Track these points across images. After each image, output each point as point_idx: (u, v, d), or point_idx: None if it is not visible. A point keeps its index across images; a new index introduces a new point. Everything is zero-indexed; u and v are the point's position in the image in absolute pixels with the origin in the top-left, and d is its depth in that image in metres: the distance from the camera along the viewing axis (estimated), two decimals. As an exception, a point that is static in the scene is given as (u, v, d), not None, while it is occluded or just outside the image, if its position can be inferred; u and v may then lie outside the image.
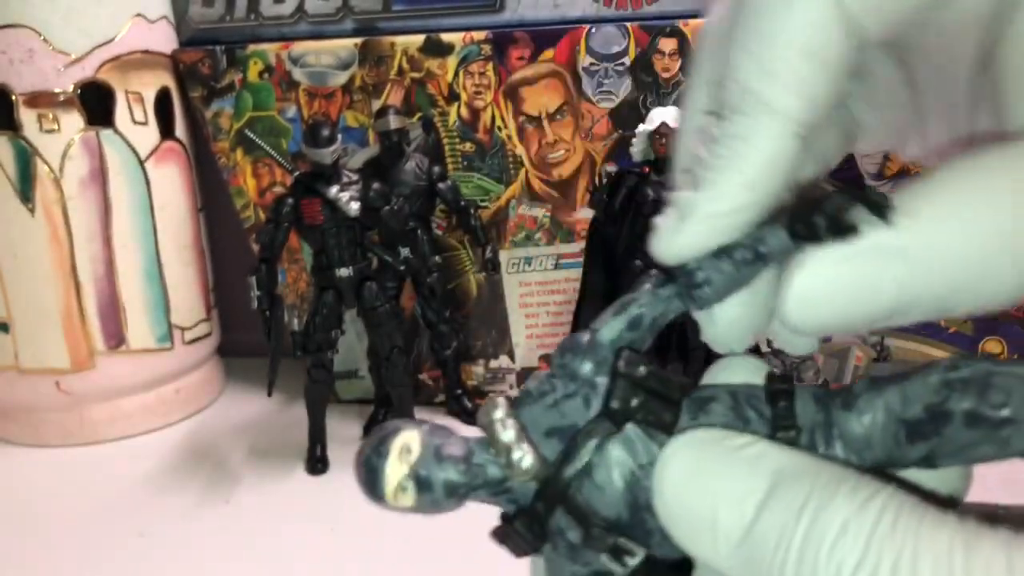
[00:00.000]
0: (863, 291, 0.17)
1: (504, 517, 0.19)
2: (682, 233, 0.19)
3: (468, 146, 0.71)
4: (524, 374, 0.76)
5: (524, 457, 0.18)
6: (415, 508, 0.19)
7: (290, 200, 0.63)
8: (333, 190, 0.63)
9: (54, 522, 0.62)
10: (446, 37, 0.69)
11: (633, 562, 0.18)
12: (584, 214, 0.71)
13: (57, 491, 0.67)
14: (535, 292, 0.74)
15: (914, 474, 0.18)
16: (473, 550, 0.56)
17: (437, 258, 0.71)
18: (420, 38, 0.69)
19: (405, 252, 0.67)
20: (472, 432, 0.20)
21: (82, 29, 0.68)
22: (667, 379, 0.19)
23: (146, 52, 0.72)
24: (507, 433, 0.18)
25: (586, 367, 0.19)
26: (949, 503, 0.18)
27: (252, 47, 0.72)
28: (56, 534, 0.60)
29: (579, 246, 0.71)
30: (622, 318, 0.19)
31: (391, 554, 0.56)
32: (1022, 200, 0.16)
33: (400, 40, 0.70)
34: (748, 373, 0.20)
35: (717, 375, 0.20)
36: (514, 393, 0.21)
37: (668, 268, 0.19)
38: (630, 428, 0.18)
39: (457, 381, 0.75)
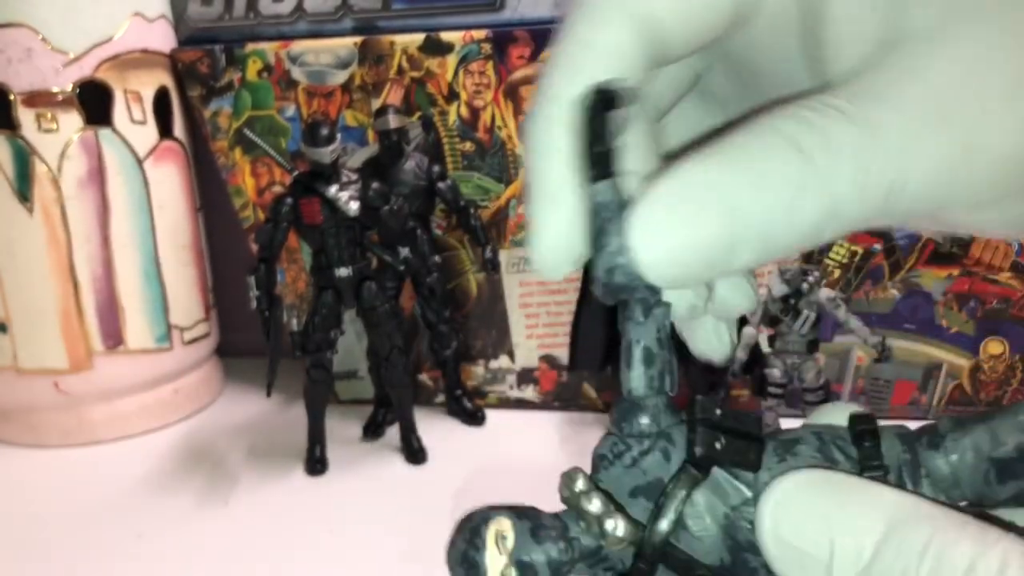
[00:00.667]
0: (698, 220, 0.17)
1: None
2: (539, 248, 0.19)
3: (468, 145, 0.71)
4: (524, 374, 0.76)
5: (617, 526, 0.18)
6: None
7: (289, 199, 0.63)
8: (332, 189, 0.62)
9: (52, 523, 0.61)
10: (446, 36, 0.69)
11: None
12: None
13: (55, 492, 0.67)
14: (535, 292, 0.74)
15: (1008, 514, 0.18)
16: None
17: (437, 258, 0.71)
18: (420, 37, 0.69)
19: (405, 252, 0.67)
20: (470, 432, 0.19)
21: (80, 28, 0.68)
22: (742, 416, 0.18)
23: (144, 51, 0.72)
24: (594, 504, 0.18)
25: (645, 422, 0.19)
26: None
27: (251, 46, 0.71)
28: (54, 535, 0.60)
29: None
30: (635, 362, 0.19)
31: (391, 555, 0.55)
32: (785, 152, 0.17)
33: (400, 39, 0.69)
34: (840, 415, 0.19)
35: (816, 420, 0.20)
36: (515, 393, 0.21)
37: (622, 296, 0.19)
38: (716, 472, 0.18)
39: (457, 381, 0.75)
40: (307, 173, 0.63)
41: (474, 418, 0.73)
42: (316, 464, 0.66)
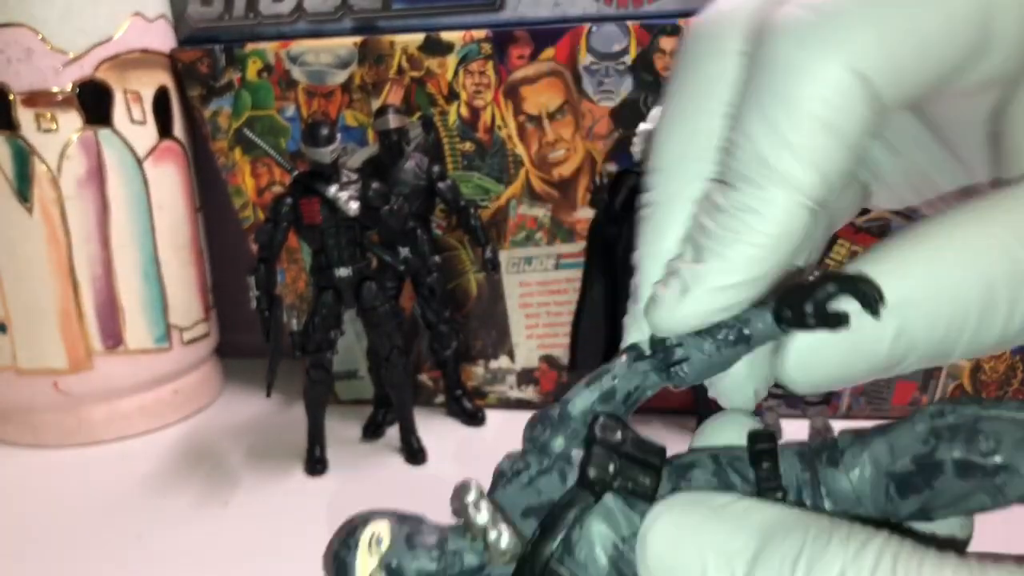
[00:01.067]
0: (860, 347, 0.17)
1: None
2: (685, 304, 0.18)
3: (468, 145, 0.71)
4: (524, 374, 0.75)
5: (501, 537, 0.18)
6: None
7: (289, 199, 0.63)
8: (332, 189, 0.62)
9: (51, 523, 0.61)
10: (446, 36, 0.69)
11: None
12: (585, 214, 0.71)
13: (54, 492, 0.66)
14: (535, 292, 0.74)
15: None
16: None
17: (437, 258, 0.71)
18: (420, 37, 0.69)
19: (405, 252, 0.67)
20: (470, 433, 0.19)
21: (80, 28, 0.68)
22: (645, 444, 0.18)
23: (144, 51, 0.72)
24: (481, 515, 0.18)
25: (557, 441, 0.18)
26: (950, 544, 0.17)
27: (251, 46, 0.71)
28: (53, 535, 0.60)
29: (579, 246, 0.71)
30: (594, 389, 0.19)
31: (390, 556, 0.55)
32: (1002, 248, 0.16)
33: (400, 39, 0.69)
34: (737, 431, 0.19)
35: (708, 435, 0.19)
36: (515, 394, 0.21)
37: (649, 344, 0.19)
38: (609, 499, 0.18)
39: (457, 382, 0.74)
40: (307, 173, 0.63)
41: (474, 418, 0.73)
42: (316, 464, 0.66)
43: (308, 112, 0.72)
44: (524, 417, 0.20)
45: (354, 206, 0.62)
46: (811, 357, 0.17)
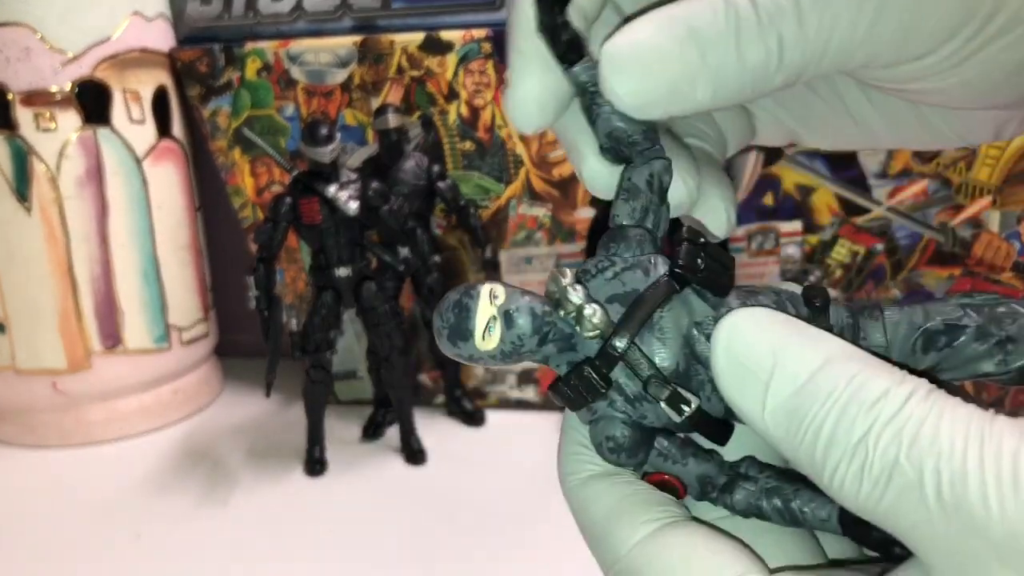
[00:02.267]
0: (661, 39, 0.19)
1: (570, 370, 0.20)
2: (514, 96, 0.21)
3: (468, 145, 0.71)
4: (524, 374, 0.75)
5: (595, 312, 0.19)
6: (497, 348, 0.20)
7: (288, 199, 0.63)
8: (332, 189, 0.62)
9: (51, 523, 0.61)
10: (445, 35, 0.69)
11: (688, 410, 0.19)
12: (585, 213, 0.71)
13: (54, 492, 0.66)
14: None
15: None
16: (470, 551, 0.55)
17: (437, 258, 0.70)
18: (419, 36, 0.69)
19: (404, 252, 0.67)
20: (470, 433, 0.20)
21: (79, 27, 0.68)
22: (720, 250, 0.20)
23: (143, 50, 0.72)
24: (576, 295, 0.20)
25: (627, 248, 0.21)
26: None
27: (250, 45, 0.71)
28: (53, 535, 0.60)
29: (579, 246, 0.71)
30: (620, 193, 0.21)
31: (391, 555, 0.55)
32: None
33: (399, 38, 0.69)
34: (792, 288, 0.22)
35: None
36: (515, 394, 0.21)
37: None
38: (687, 290, 0.20)
39: (457, 382, 0.74)
40: (306, 173, 0.63)
41: (474, 419, 0.73)
42: (315, 465, 0.66)
43: (307, 111, 0.72)
44: (524, 417, 0.20)
45: (354, 206, 0.62)
46: (619, 61, 0.19)
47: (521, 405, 0.76)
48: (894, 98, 0.23)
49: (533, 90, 0.21)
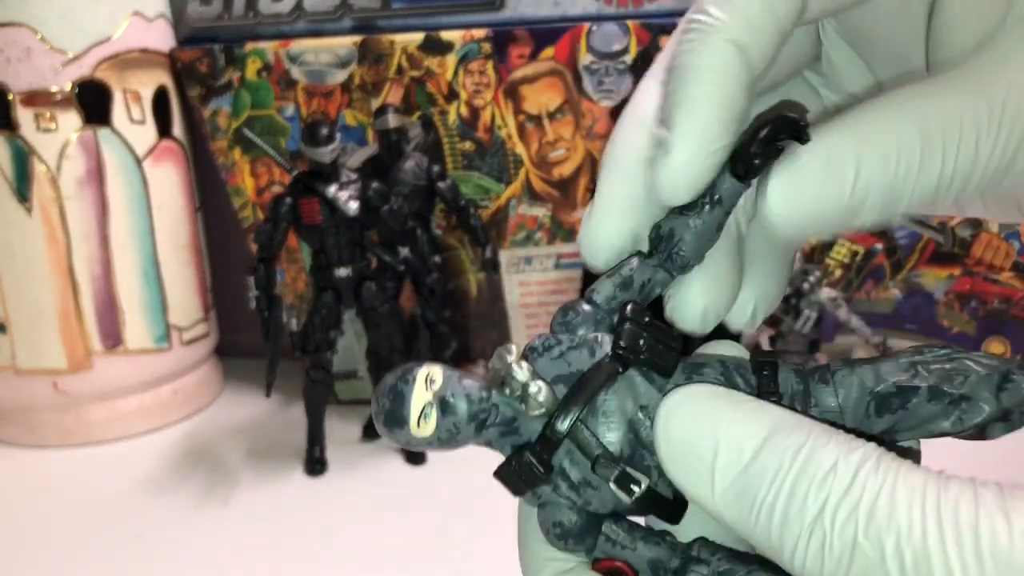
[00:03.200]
0: (827, 185, 0.19)
1: (511, 454, 0.20)
2: (674, 160, 0.20)
3: (468, 145, 0.71)
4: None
5: (540, 391, 0.19)
6: (434, 435, 0.20)
7: (288, 199, 0.63)
8: (332, 189, 0.62)
9: (51, 523, 0.61)
10: (446, 35, 0.69)
11: (638, 491, 0.19)
12: (584, 213, 0.71)
13: (54, 492, 0.66)
14: (535, 292, 0.74)
15: None
16: (470, 551, 0.55)
17: (436, 258, 0.71)
18: (419, 36, 0.69)
19: (404, 252, 0.67)
20: None
21: (79, 27, 0.68)
22: (666, 329, 0.20)
23: (144, 51, 0.72)
24: (522, 373, 0.20)
25: (586, 325, 0.21)
26: (908, 453, 0.20)
27: (250, 45, 0.71)
28: (53, 535, 0.60)
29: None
30: (614, 280, 0.21)
31: (390, 554, 0.55)
32: (933, 105, 0.19)
33: (399, 38, 0.69)
34: (734, 351, 0.22)
35: (705, 350, 0.22)
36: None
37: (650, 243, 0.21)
38: (632, 371, 0.20)
39: (457, 381, 0.74)
40: (307, 173, 0.63)
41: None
42: (315, 464, 0.66)
43: (307, 112, 0.72)
44: None
45: (354, 206, 0.62)
46: (786, 194, 0.19)
47: (521, 405, 0.76)
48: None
49: (611, 235, 0.22)
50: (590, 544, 0.20)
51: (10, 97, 0.67)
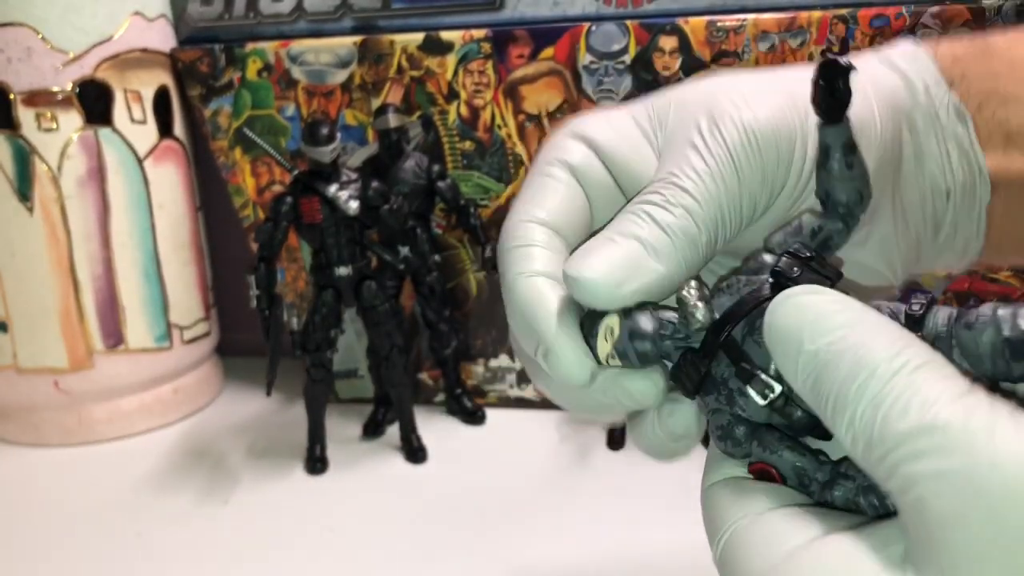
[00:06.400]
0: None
1: (679, 357, 0.23)
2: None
3: (468, 145, 0.71)
4: (524, 373, 0.76)
5: (699, 308, 0.23)
6: (614, 357, 0.23)
7: (289, 198, 0.63)
8: (332, 189, 0.62)
9: (52, 522, 0.61)
10: (445, 35, 0.69)
11: (772, 395, 0.22)
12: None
13: (55, 491, 0.67)
14: (535, 291, 0.74)
15: None
16: (471, 550, 0.55)
17: (437, 257, 0.71)
18: (419, 36, 0.69)
19: (404, 251, 0.67)
20: (470, 432, 0.21)
21: (80, 27, 0.68)
22: (827, 264, 0.23)
23: (144, 50, 0.72)
24: (690, 297, 0.23)
25: (766, 271, 0.23)
26: None
27: (251, 45, 0.71)
28: (54, 534, 0.60)
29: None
30: (786, 230, 0.25)
31: (391, 554, 0.56)
32: None
33: (399, 38, 0.70)
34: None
35: None
36: (515, 392, 0.24)
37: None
38: None
39: (457, 380, 0.75)
40: (307, 172, 0.63)
41: (474, 417, 0.73)
42: (316, 463, 0.66)
43: (308, 111, 0.72)
44: (524, 416, 0.23)
45: (354, 205, 0.62)
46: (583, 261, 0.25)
47: (521, 403, 0.76)
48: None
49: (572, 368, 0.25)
50: (747, 449, 0.23)
51: (11, 97, 0.68)
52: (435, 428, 0.71)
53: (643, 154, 0.28)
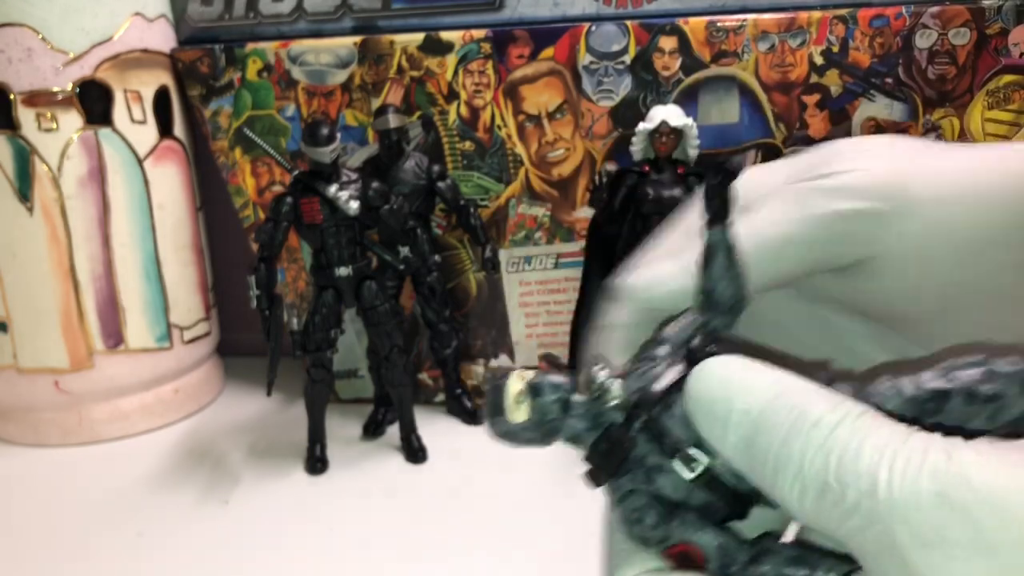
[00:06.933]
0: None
1: (599, 435, 0.23)
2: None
3: (468, 145, 0.71)
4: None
5: (616, 384, 0.22)
6: (528, 420, 0.23)
7: (289, 199, 0.63)
8: (332, 189, 0.63)
9: (53, 522, 0.62)
10: (445, 35, 0.69)
11: (699, 469, 0.21)
12: (584, 213, 0.71)
13: (56, 491, 0.67)
14: (535, 291, 0.74)
15: None
16: (471, 549, 0.56)
17: (437, 257, 0.71)
18: (419, 36, 0.69)
19: (405, 251, 0.67)
20: (470, 432, 0.21)
21: (80, 28, 0.68)
22: (735, 342, 0.23)
23: (145, 51, 0.72)
24: (602, 374, 0.23)
25: (665, 354, 0.23)
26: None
27: (251, 45, 0.72)
28: (55, 533, 0.60)
29: (579, 245, 0.71)
30: (679, 322, 0.24)
31: (391, 553, 0.56)
32: None
33: (399, 38, 0.70)
34: None
35: None
36: None
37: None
38: None
39: (457, 380, 0.75)
40: (307, 172, 0.63)
41: (474, 417, 0.73)
42: (316, 463, 0.66)
43: (308, 112, 0.72)
44: None
45: (354, 205, 0.63)
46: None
47: (521, 404, 0.76)
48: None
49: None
50: (666, 531, 0.22)
51: (11, 97, 0.68)
52: (435, 428, 0.71)
53: None
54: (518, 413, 0.23)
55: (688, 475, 0.21)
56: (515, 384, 0.23)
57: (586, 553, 0.54)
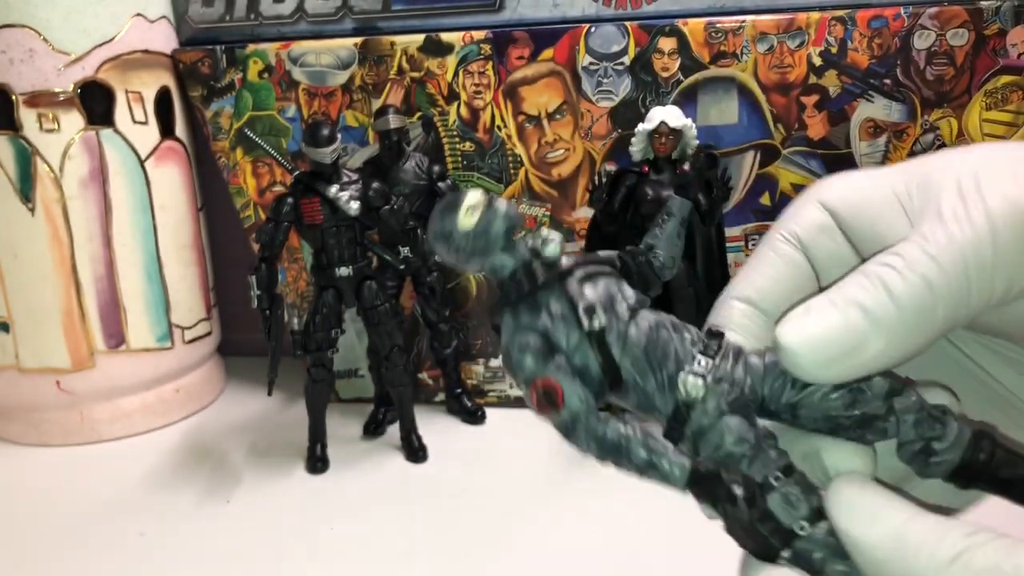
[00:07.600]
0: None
1: (518, 265, 0.24)
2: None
3: (468, 145, 0.71)
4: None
5: (555, 238, 0.24)
6: (473, 228, 0.23)
7: (290, 199, 0.63)
8: (333, 189, 0.63)
9: (54, 521, 0.62)
10: (446, 37, 0.69)
11: (597, 324, 0.23)
12: (584, 213, 0.71)
13: (57, 490, 0.67)
14: (535, 291, 0.74)
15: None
16: (471, 548, 0.56)
17: (437, 257, 0.71)
18: (420, 38, 0.69)
19: (405, 251, 0.67)
20: (470, 431, 0.21)
21: (82, 29, 0.68)
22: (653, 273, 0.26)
23: (146, 52, 0.72)
24: (553, 234, 0.24)
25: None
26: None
27: (252, 47, 0.72)
28: (56, 533, 0.60)
29: (579, 245, 0.72)
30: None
31: (391, 552, 0.56)
32: None
33: (400, 40, 0.70)
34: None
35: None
36: (515, 392, 0.24)
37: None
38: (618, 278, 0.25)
39: (457, 380, 0.75)
40: (308, 173, 0.64)
41: (474, 416, 0.74)
42: (317, 462, 0.67)
43: (309, 112, 0.72)
44: (524, 415, 0.22)
45: (355, 206, 0.63)
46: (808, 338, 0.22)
47: (521, 403, 0.76)
48: None
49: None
50: (540, 366, 0.23)
51: (13, 98, 0.68)
52: (436, 427, 0.71)
53: (892, 222, 0.25)
54: (466, 219, 0.23)
55: (586, 324, 0.23)
56: (477, 194, 0.23)
57: (585, 552, 0.55)
